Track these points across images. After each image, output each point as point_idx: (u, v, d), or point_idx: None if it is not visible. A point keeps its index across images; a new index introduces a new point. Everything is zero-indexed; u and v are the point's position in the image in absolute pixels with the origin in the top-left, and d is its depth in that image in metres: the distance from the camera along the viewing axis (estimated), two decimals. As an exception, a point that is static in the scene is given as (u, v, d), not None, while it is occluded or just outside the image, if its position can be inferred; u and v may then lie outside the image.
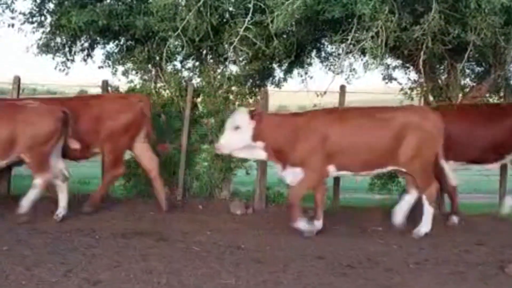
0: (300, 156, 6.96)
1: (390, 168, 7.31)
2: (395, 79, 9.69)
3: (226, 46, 8.30)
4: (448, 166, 7.40)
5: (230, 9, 7.90)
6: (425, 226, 7.20)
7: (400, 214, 7.41)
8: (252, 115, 6.97)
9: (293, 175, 7.07)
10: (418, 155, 7.05)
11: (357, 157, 7.05)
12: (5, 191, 8.71)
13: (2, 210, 7.68)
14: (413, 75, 9.49)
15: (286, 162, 7.07)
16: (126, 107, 7.94)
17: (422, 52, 7.04)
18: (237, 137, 6.97)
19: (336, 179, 8.99)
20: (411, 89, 9.33)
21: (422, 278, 5.53)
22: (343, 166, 7.12)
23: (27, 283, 4.94)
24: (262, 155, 7.21)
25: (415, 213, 7.47)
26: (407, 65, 9.35)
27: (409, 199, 7.45)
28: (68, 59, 9.45)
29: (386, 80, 9.72)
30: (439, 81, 9.09)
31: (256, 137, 6.99)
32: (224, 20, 8.12)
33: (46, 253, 5.80)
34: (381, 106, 8.02)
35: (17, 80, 8.91)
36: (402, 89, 9.51)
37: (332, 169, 7.11)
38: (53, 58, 9.33)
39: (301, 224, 6.99)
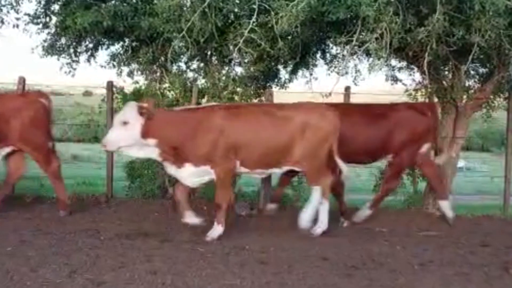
0: (203, 153, 6.63)
1: (286, 168, 7.07)
2: (400, 81, 9.70)
3: (231, 47, 8.30)
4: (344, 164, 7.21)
5: (235, 10, 7.90)
6: (322, 224, 7.04)
7: (306, 215, 7.07)
8: (141, 110, 6.54)
9: (197, 174, 6.77)
10: (313, 155, 6.90)
11: (253, 155, 6.77)
12: (9, 192, 8.73)
13: (7, 211, 7.73)
14: (417, 77, 9.49)
15: (185, 160, 6.69)
16: (27, 104, 7.76)
17: (426, 54, 7.03)
18: (124, 133, 6.52)
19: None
20: (416, 90, 9.33)
21: (427, 279, 5.52)
22: (240, 163, 6.82)
23: (32, 283, 4.96)
24: (154, 153, 6.75)
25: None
26: (412, 66, 9.35)
27: (314, 199, 7.14)
28: (73, 60, 9.48)
29: (391, 82, 9.72)
30: (444, 83, 9.08)
31: (146, 134, 6.55)
32: (229, 21, 8.12)
33: (51, 253, 5.82)
34: (280, 104, 7.96)
35: (22, 80, 8.95)
36: (406, 90, 9.52)
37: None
38: (58, 59, 9.37)
39: (218, 229, 6.79)
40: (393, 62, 9.38)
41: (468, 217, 8.84)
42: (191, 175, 6.78)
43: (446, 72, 9.18)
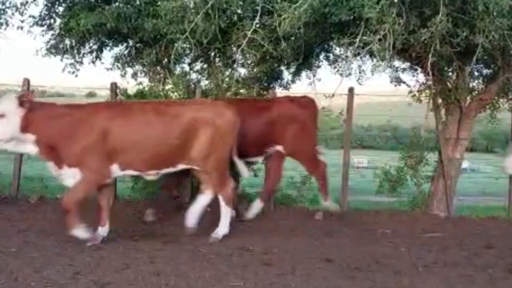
0: (75, 155, 6.23)
1: (181, 167, 6.75)
2: (404, 82, 9.70)
3: (234, 48, 8.32)
4: (241, 163, 7.19)
5: (238, 11, 7.90)
6: (223, 228, 6.86)
7: (192, 216, 6.91)
8: (22, 102, 6.10)
9: (73, 177, 6.34)
10: (211, 153, 6.62)
11: (141, 155, 6.45)
12: (14, 193, 8.76)
13: (11, 212, 7.75)
14: (421, 78, 9.48)
15: (61, 160, 6.30)
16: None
17: (430, 55, 7.02)
18: (1, 126, 6.04)
19: (345, 182, 9.00)
20: (420, 91, 9.33)
21: (431, 281, 5.51)
22: (127, 165, 6.48)
23: (36, 284, 4.96)
24: (32, 149, 6.30)
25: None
26: (416, 67, 9.34)
27: (203, 199, 6.99)
28: (76, 61, 9.50)
29: (395, 83, 9.71)
30: (448, 84, 9.07)
31: (25, 128, 6.11)
32: (232, 22, 8.13)
33: (55, 254, 5.83)
34: (171, 101, 7.94)
35: (27, 82, 8.98)
36: (410, 92, 9.52)
37: (115, 169, 6.45)
38: (61, 60, 9.39)
39: (79, 232, 6.28)
40: (397, 63, 9.38)
41: (473, 219, 8.82)
42: (71, 177, 6.36)
43: (450, 73, 9.17)
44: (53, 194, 9.06)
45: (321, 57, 9.82)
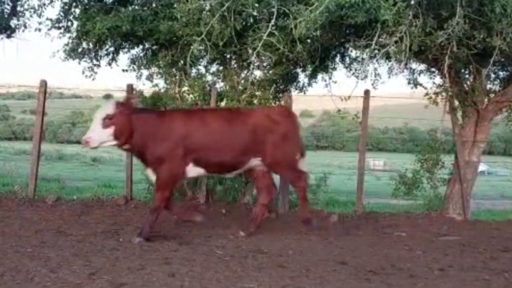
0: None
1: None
2: (420, 84, 9.63)
3: (249, 50, 8.32)
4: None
5: (254, 14, 7.91)
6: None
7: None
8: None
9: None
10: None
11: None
12: (31, 194, 8.86)
13: (29, 213, 7.83)
14: (438, 80, 9.42)
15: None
16: None
17: (447, 57, 6.98)
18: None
19: (360, 184, 8.97)
20: (436, 94, 9.26)
21: (446, 284, 5.46)
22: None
23: (52, 285, 4.99)
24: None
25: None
26: (432, 69, 9.29)
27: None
28: (94, 64, 9.59)
29: (411, 85, 9.65)
30: (465, 86, 9.01)
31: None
32: (248, 25, 8.15)
33: (71, 255, 5.87)
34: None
35: (44, 84, 9.07)
36: (427, 94, 9.46)
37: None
38: (79, 63, 9.49)
39: None
40: (413, 65, 9.33)
41: (489, 222, 8.74)
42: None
43: (467, 75, 9.11)
44: (70, 195, 9.15)
45: (337, 59, 9.79)
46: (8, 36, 9.79)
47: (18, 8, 9.60)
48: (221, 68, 9.66)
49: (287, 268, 5.79)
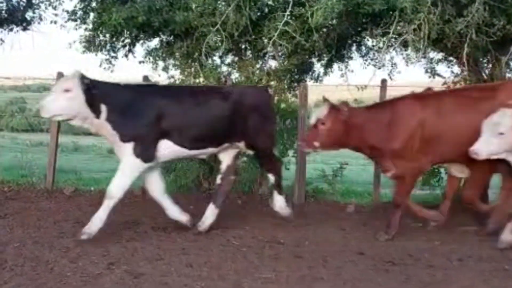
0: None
1: None
2: (438, 74, 9.52)
3: (265, 40, 8.28)
4: None
5: (269, 3, 7.88)
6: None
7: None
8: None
9: None
10: None
11: None
12: (49, 185, 8.92)
13: (47, 204, 7.89)
14: (456, 69, 9.31)
15: None
16: None
17: (465, 45, 6.89)
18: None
19: (377, 175, 8.90)
20: (455, 83, 9.16)
21: (465, 275, 5.42)
22: None
23: (71, 275, 5.05)
24: None
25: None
26: (450, 58, 9.17)
27: None
28: (112, 56, 9.58)
29: (429, 75, 9.54)
30: (483, 75, 8.89)
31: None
32: (263, 14, 8.10)
33: (90, 246, 5.91)
34: None
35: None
36: (445, 83, 9.35)
37: None
38: (96, 55, 9.48)
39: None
40: (431, 54, 9.22)
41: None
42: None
43: (486, 64, 8.98)
44: (87, 186, 9.20)
45: (353, 48, 9.70)
46: (24, 29, 9.83)
47: (34, 1, 9.63)
48: (236, 58, 9.62)
49: (304, 258, 5.79)
